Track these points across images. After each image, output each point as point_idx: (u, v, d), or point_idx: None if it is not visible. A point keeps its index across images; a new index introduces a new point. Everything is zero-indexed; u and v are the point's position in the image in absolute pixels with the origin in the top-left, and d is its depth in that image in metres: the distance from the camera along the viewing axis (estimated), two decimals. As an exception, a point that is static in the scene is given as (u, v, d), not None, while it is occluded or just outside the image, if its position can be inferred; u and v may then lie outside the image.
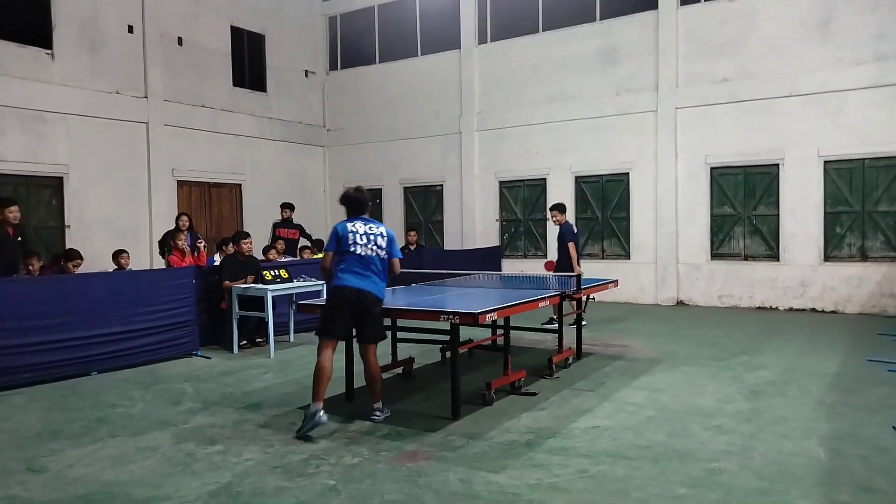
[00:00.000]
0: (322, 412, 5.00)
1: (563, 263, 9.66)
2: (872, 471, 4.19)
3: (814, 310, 11.38)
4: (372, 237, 5.37)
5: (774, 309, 11.68)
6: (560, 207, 10.02)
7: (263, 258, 10.01)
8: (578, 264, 9.68)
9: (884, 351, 7.78)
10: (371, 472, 4.29)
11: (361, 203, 5.52)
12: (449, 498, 3.87)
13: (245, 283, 8.41)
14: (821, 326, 9.79)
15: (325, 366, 5.18)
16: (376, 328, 5.40)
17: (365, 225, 5.40)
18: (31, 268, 8.03)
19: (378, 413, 5.41)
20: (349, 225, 5.38)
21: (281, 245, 11.18)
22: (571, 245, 9.69)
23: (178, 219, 10.40)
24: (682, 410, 5.56)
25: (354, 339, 5.64)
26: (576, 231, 10.16)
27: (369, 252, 5.32)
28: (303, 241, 12.27)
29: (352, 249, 5.30)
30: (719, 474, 4.17)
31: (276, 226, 12.16)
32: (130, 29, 12.54)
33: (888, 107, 10.72)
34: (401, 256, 5.58)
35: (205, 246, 9.93)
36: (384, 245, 5.41)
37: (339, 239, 5.35)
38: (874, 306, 10.93)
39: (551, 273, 9.42)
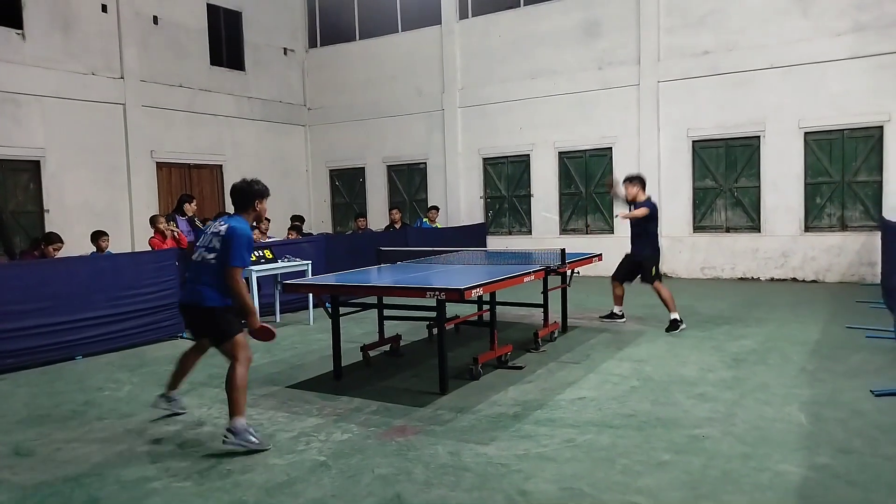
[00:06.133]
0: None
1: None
2: (851, 434, 4.30)
3: (795, 279, 11.54)
4: (209, 238, 4.52)
5: (756, 279, 11.83)
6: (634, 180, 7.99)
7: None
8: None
9: (862, 318, 7.93)
10: (361, 447, 4.33)
11: (242, 196, 4.61)
12: (438, 470, 3.92)
13: None
14: (802, 295, 9.94)
15: (180, 358, 4.97)
16: (217, 332, 4.44)
17: (221, 224, 4.55)
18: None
19: (230, 435, 4.21)
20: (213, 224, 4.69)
21: (265, 225, 11.09)
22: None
23: (181, 200, 10.22)
24: (665, 380, 5.65)
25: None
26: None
27: (198, 257, 4.53)
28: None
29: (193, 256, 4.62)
30: (702, 440, 4.26)
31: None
32: (104, 8, 12.25)
33: (867, 78, 10.78)
34: (236, 265, 4.35)
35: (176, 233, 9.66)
36: (217, 246, 4.42)
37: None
38: (853, 275, 11.10)
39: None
